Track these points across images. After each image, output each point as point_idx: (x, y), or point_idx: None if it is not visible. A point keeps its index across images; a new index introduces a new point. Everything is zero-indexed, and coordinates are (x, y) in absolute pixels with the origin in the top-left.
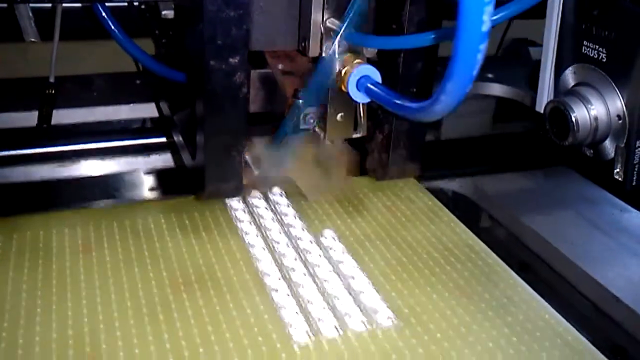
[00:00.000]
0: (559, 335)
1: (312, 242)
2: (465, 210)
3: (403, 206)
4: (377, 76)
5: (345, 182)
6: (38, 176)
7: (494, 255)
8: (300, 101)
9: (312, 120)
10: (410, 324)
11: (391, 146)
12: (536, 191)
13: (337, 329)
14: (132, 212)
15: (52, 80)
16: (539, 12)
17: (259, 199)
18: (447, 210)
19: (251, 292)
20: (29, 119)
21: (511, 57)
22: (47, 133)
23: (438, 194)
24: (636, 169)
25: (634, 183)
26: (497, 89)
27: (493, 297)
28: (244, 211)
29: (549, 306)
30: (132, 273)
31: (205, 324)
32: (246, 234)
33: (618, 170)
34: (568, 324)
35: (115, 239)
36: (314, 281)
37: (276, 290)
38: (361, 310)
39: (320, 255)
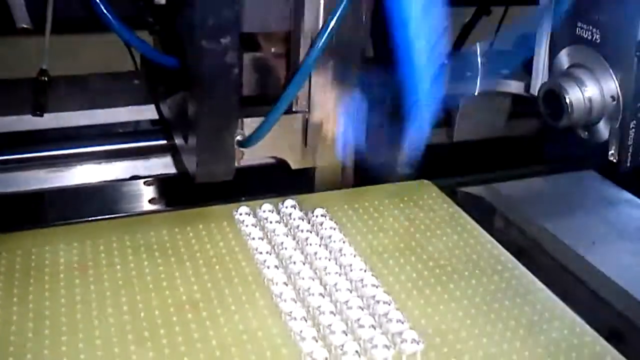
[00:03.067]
0: (597, 355)
1: (328, 259)
2: (484, 214)
3: (422, 214)
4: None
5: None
6: (29, 184)
7: (521, 267)
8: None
9: (304, 103)
10: (435, 345)
11: None
12: (558, 194)
13: (357, 354)
14: (132, 225)
15: (45, 67)
16: None
17: (270, 211)
18: (469, 218)
19: (263, 314)
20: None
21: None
22: (38, 137)
23: (458, 199)
24: (630, 151)
25: (628, 164)
26: (513, 86)
27: (523, 313)
28: (254, 224)
29: (584, 323)
30: (133, 293)
31: (213, 349)
32: (257, 249)
33: (612, 151)
34: (605, 343)
35: (113, 255)
36: (332, 302)
37: (291, 313)
38: (383, 333)
39: (338, 274)
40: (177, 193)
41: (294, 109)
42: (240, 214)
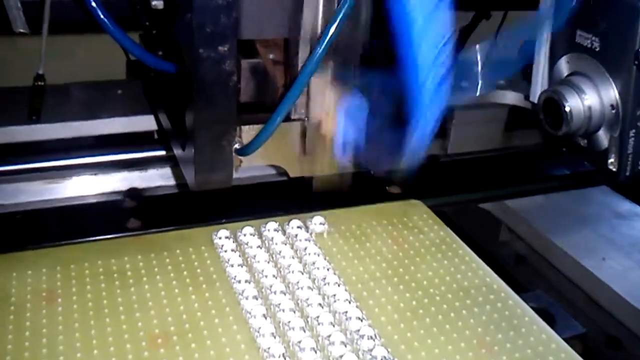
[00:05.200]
0: None
1: (311, 289)
2: (493, 229)
3: (411, 237)
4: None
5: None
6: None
7: (515, 296)
8: None
9: (302, 111)
10: None
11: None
12: (569, 210)
13: None
14: (106, 250)
15: (41, 72)
16: (533, 2)
17: (252, 234)
18: (461, 242)
19: (239, 349)
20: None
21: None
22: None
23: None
24: (630, 159)
25: (627, 173)
26: (509, 97)
27: (516, 347)
28: (233, 249)
29: (579, 358)
30: (103, 325)
31: None
32: (235, 278)
33: (612, 160)
34: None
35: (85, 283)
36: (313, 337)
37: (269, 349)
38: None
39: (320, 305)
40: (155, 213)
41: (292, 117)
42: (220, 238)
